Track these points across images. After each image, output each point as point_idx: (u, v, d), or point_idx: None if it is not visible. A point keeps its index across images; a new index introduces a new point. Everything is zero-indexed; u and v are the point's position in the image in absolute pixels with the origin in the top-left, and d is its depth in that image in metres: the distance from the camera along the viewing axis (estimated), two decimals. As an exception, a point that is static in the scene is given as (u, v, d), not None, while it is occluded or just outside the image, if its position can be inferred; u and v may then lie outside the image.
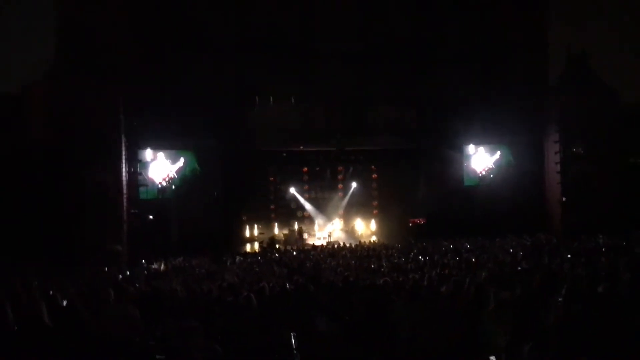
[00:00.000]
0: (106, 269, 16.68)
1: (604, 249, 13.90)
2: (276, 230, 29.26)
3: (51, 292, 8.18)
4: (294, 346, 5.25)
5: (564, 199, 25.67)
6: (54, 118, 21.13)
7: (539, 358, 3.66)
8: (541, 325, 4.41)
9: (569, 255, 11.76)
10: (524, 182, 26.99)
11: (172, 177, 24.88)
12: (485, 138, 27.26)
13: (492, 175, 27.48)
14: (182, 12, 24.89)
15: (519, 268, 9.80)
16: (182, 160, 25.11)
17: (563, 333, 3.66)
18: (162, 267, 18.25)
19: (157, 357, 4.41)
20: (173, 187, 24.90)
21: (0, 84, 36.97)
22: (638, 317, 4.13)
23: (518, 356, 3.96)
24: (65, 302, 6.93)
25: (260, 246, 27.14)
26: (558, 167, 25.82)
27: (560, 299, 4.59)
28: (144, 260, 19.93)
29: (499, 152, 27.59)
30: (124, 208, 22.26)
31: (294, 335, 5.40)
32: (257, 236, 28.89)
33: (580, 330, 3.58)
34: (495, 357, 4.60)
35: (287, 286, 8.83)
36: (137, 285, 10.50)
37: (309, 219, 30.13)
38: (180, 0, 25.07)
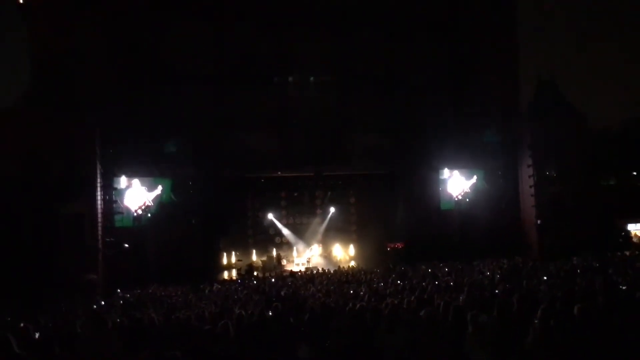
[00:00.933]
0: (81, 299, 16.29)
1: (579, 271, 14.09)
2: (254, 257, 29.05)
3: (22, 325, 7.98)
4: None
5: (538, 221, 26.09)
6: (26, 147, 20.82)
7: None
8: (520, 346, 4.46)
9: (545, 277, 11.88)
10: (499, 206, 27.40)
11: (149, 204, 24.60)
12: (460, 162, 27.67)
13: (467, 199, 27.81)
14: (158, 41, 24.99)
15: (497, 291, 9.86)
16: (159, 188, 24.87)
17: (541, 354, 3.71)
18: (139, 296, 17.88)
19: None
20: (149, 215, 24.60)
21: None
22: (613, 336, 4.21)
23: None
24: (37, 335, 6.78)
25: (239, 273, 26.85)
26: (532, 190, 26.28)
27: (536, 321, 4.65)
28: (119, 290, 19.55)
29: (474, 176, 28.00)
30: (99, 236, 21.90)
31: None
32: (235, 263, 28.62)
33: (557, 351, 3.63)
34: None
35: (266, 314, 8.73)
36: (113, 315, 10.27)
37: (287, 245, 30.01)
38: (156, 30, 25.12)
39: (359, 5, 27.23)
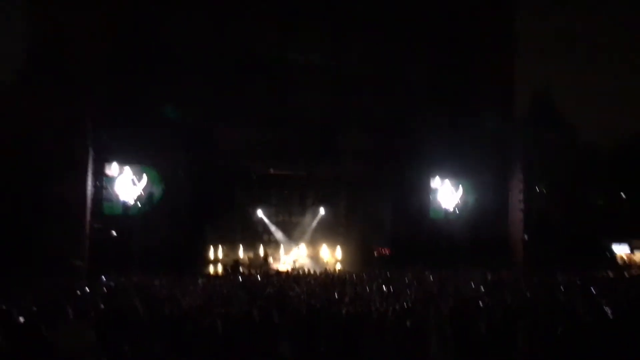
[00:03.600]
0: (65, 283, 16.19)
1: (561, 287, 14.23)
2: (241, 253, 28.96)
3: (4, 307, 7.91)
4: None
5: (525, 236, 26.30)
6: (19, 127, 20.67)
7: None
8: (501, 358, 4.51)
9: (527, 294, 11.99)
10: (488, 217, 27.57)
11: (139, 194, 24.49)
12: (451, 172, 27.83)
13: (457, 210, 27.97)
14: (155, 27, 24.80)
15: (481, 304, 9.94)
16: (149, 176, 24.77)
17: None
18: (123, 284, 17.80)
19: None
20: (139, 204, 24.49)
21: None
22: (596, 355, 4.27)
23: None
24: (22, 319, 6.74)
25: (224, 269, 26.77)
26: (521, 205, 26.48)
27: (519, 334, 4.71)
28: (103, 277, 19.44)
29: (463, 187, 28.16)
30: (87, 222, 21.78)
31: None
32: (222, 258, 28.52)
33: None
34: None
35: (251, 312, 8.74)
36: (95, 302, 10.23)
37: (275, 243, 29.95)
38: (155, 17, 24.97)
39: (357, 6, 27.26)
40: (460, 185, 28.18)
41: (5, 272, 16.85)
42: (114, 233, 23.43)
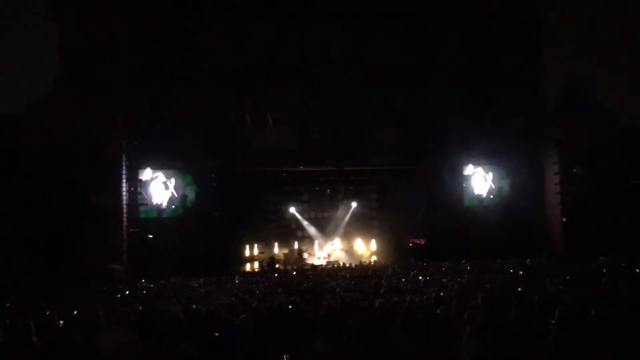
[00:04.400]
0: (105, 288, 16.62)
1: (604, 270, 13.83)
2: (276, 250, 29.22)
3: (47, 313, 8.19)
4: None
5: (564, 219, 25.65)
6: (55, 138, 21.27)
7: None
8: (536, 349, 4.40)
9: (568, 277, 11.69)
10: (524, 203, 27.00)
11: (173, 197, 24.93)
12: (484, 159, 27.34)
13: (491, 196, 27.51)
14: (182, 35, 25.14)
15: (519, 290, 9.74)
16: (181, 181, 25.20)
17: (554, 357, 3.65)
18: (161, 287, 18.16)
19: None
20: (172, 207, 24.94)
21: (3, 103, 37.31)
22: (635, 338, 4.11)
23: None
24: (61, 323, 6.93)
25: (260, 266, 27.06)
26: (558, 188, 25.84)
27: (553, 322, 4.57)
28: (143, 280, 19.87)
29: (497, 173, 27.66)
30: (124, 227, 22.28)
31: (286, 358, 5.37)
32: (257, 256, 28.86)
33: (572, 355, 3.56)
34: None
35: (285, 307, 8.78)
36: (134, 306, 10.44)
37: (309, 239, 30.09)
38: (180, 23, 25.29)
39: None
40: (494, 172, 27.69)
41: (49, 279, 17.41)
42: (150, 236, 23.88)
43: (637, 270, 12.97)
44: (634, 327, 4.79)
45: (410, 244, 28.20)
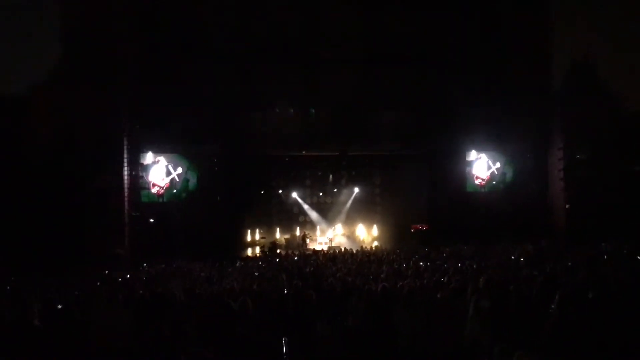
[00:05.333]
0: (107, 272, 16.69)
1: (605, 256, 13.81)
2: (278, 235, 29.25)
3: (48, 295, 8.20)
4: (284, 351, 5.21)
5: (567, 205, 25.57)
6: (58, 121, 21.23)
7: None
8: (537, 331, 4.37)
9: (569, 263, 11.66)
10: (527, 189, 26.92)
11: (175, 181, 24.91)
12: (488, 144, 27.17)
13: (494, 182, 27.41)
14: (186, 18, 24.90)
15: (519, 275, 9.72)
16: (182, 165, 25.17)
17: (554, 340, 3.62)
18: (163, 270, 18.23)
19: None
20: (174, 190, 24.93)
21: (5, 85, 37.26)
22: (630, 322, 4.07)
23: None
24: (60, 306, 6.93)
25: (262, 250, 27.10)
26: (561, 174, 25.73)
27: (553, 306, 4.55)
28: (145, 264, 19.94)
29: (501, 158, 27.54)
30: (126, 211, 22.30)
31: (285, 341, 5.36)
32: (259, 240, 28.90)
33: (571, 338, 3.53)
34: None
35: (287, 291, 8.79)
36: (136, 288, 10.47)
37: (310, 224, 30.10)
38: (184, 6, 25.05)
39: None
40: (498, 157, 27.56)
41: (51, 263, 17.46)
42: (152, 220, 23.91)
43: (638, 257, 12.96)
44: (631, 311, 4.76)
45: (412, 230, 28.19)
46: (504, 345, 4.51)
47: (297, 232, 29.13)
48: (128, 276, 15.84)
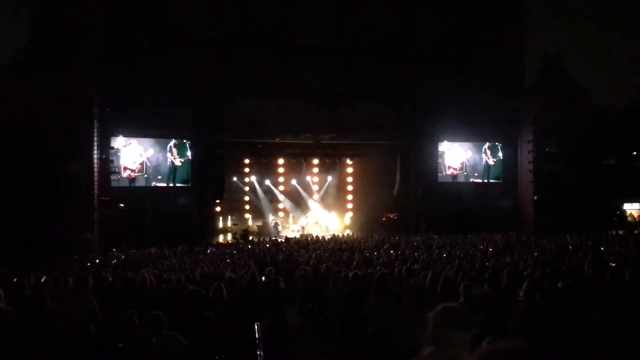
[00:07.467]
0: (75, 257, 16.42)
1: (571, 247, 14.19)
2: (250, 222, 29.17)
3: (15, 280, 8.03)
4: (257, 337, 5.24)
5: (535, 197, 26.14)
6: (24, 105, 20.67)
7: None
8: (505, 320, 4.49)
9: (536, 254, 11.95)
10: (498, 181, 27.46)
11: (146, 165, 24.56)
12: (460, 135, 27.52)
13: (465, 173, 27.82)
14: (160, 4, 24.46)
15: (488, 264, 9.94)
16: (155, 150, 24.83)
17: (522, 327, 3.73)
18: (134, 256, 18.03)
19: (120, 346, 4.37)
20: (145, 176, 24.60)
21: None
22: (596, 311, 4.22)
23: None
24: (30, 291, 6.82)
25: (234, 237, 27.01)
26: (531, 166, 26.25)
27: (521, 295, 4.68)
28: (114, 249, 19.66)
29: (472, 151, 27.94)
30: (95, 196, 21.92)
31: (257, 326, 5.39)
32: (231, 227, 28.78)
33: (538, 325, 3.64)
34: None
35: (259, 278, 8.80)
36: (105, 274, 10.34)
37: (283, 211, 30.10)
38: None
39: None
40: (470, 148, 27.95)
41: (19, 248, 17.08)
42: (122, 205, 23.56)
43: (602, 249, 13.38)
44: (599, 299, 4.94)
45: (384, 218, 28.46)
46: (473, 332, 4.63)
47: (270, 220, 29.09)
48: (97, 261, 15.62)
